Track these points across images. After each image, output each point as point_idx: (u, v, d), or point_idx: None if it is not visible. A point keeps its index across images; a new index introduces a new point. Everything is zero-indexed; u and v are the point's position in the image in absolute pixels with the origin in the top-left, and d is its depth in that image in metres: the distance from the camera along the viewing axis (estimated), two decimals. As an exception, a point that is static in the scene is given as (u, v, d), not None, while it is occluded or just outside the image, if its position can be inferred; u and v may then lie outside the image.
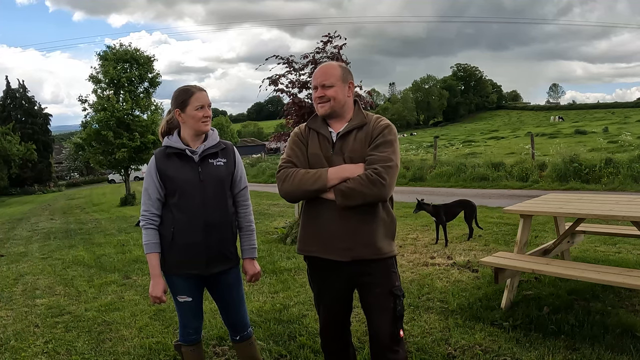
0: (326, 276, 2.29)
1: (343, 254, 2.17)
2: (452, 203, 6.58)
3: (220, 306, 2.65)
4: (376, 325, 2.24)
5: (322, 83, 2.23)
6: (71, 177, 55.05)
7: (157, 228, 2.45)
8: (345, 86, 2.25)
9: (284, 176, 2.22)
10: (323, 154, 2.24)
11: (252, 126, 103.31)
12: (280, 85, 7.07)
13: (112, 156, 18.03)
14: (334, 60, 6.80)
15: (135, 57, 18.65)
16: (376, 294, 2.22)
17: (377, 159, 2.11)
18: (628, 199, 3.88)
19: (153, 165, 2.44)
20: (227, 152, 2.52)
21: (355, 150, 2.18)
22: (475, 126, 79.17)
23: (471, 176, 13.58)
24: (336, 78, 2.23)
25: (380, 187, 2.06)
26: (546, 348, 3.01)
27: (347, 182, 2.10)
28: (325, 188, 2.13)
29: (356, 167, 2.13)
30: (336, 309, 2.36)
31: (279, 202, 12.94)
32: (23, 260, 7.49)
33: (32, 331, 4.02)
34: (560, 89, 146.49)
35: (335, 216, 2.15)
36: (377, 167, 2.08)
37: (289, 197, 2.25)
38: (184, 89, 2.45)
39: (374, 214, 2.17)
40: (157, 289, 2.43)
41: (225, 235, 2.47)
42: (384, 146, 2.14)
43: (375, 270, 2.20)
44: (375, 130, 2.19)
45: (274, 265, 5.63)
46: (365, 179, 2.07)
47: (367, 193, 2.07)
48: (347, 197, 2.09)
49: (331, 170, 2.15)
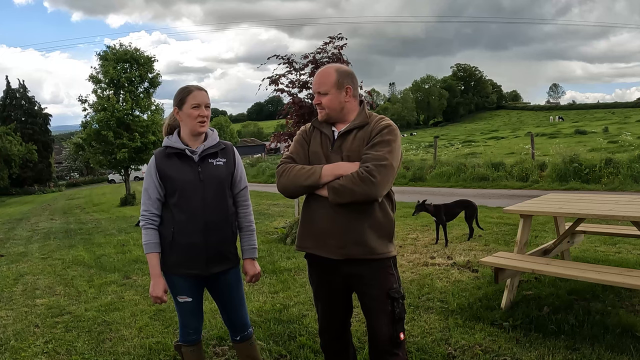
0: (323, 274, 2.30)
1: (336, 251, 2.17)
2: (452, 203, 6.57)
3: (221, 306, 2.65)
4: (373, 328, 2.23)
5: (316, 90, 2.27)
6: (71, 177, 55.09)
7: (157, 228, 2.45)
8: (342, 91, 2.23)
9: (282, 171, 2.27)
10: (323, 152, 2.25)
11: (252, 126, 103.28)
12: (280, 85, 7.08)
13: (112, 156, 18.03)
14: (334, 62, 6.82)
15: (135, 57, 18.65)
16: (372, 296, 2.21)
17: (371, 157, 2.10)
18: (628, 199, 3.88)
19: (153, 165, 2.44)
20: (227, 152, 2.52)
21: (353, 149, 2.19)
22: (475, 126, 79.16)
23: (471, 176, 13.58)
24: (330, 85, 2.22)
25: (370, 185, 2.04)
26: (546, 348, 3.01)
27: (340, 179, 2.11)
28: (318, 184, 2.15)
29: (351, 165, 2.13)
30: (334, 309, 2.37)
31: (279, 202, 12.94)
32: (23, 260, 7.48)
33: (32, 331, 4.01)
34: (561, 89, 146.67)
35: (329, 213, 2.16)
36: (370, 165, 2.07)
37: (285, 191, 2.28)
38: (184, 87, 2.45)
39: (367, 213, 2.16)
40: (157, 289, 2.43)
41: (225, 235, 2.47)
42: (381, 145, 2.13)
43: (369, 271, 2.19)
44: (374, 129, 2.19)
45: (274, 265, 5.63)
46: (356, 177, 2.07)
47: (357, 191, 2.06)
48: (338, 194, 2.10)
49: (326, 167, 2.16)
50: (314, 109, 6.75)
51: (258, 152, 52.36)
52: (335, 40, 6.89)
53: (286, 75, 7.04)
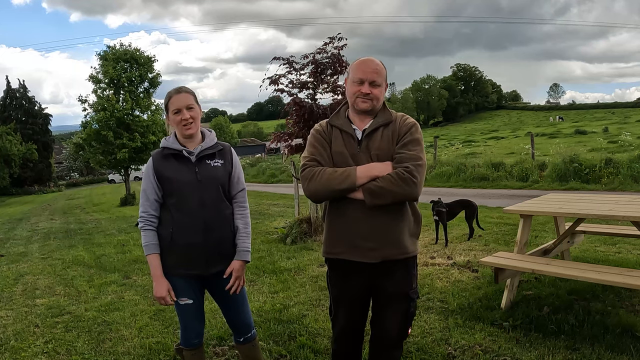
0: (348, 278, 2.23)
1: (369, 254, 2.12)
2: (452, 203, 6.57)
3: (222, 307, 2.63)
4: (384, 324, 2.23)
5: (372, 79, 2.14)
6: (71, 177, 55.02)
7: (155, 229, 2.44)
8: (385, 86, 2.23)
9: (310, 175, 2.14)
10: (349, 152, 2.17)
11: (252, 126, 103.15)
12: (280, 85, 7.09)
13: (112, 156, 18.04)
14: (334, 62, 6.83)
15: (135, 57, 18.66)
16: (390, 295, 2.20)
17: (407, 157, 2.07)
18: (628, 199, 3.88)
19: (150, 166, 2.44)
20: (224, 154, 2.51)
21: (382, 148, 2.14)
22: (475, 126, 79.10)
23: (471, 176, 13.58)
24: (384, 77, 2.20)
25: (412, 186, 2.03)
26: (546, 348, 3.01)
27: (376, 180, 2.05)
28: (354, 187, 2.07)
29: (384, 166, 2.09)
30: (355, 313, 2.29)
31: (278, 202, 12.94)
32: (23, 260, 7.48)
33: (32, 331, 4.01)
34: (560, 89, 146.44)
35: (363, 216, 2.10)
36: (409, 165, 2.04)
37: (315, 196, 2.18)
38: (167, 93, 2.46)
39: (402, 213, 2.15)
40: (161, 290, 2.41)
41: (224, 235, 2.46)
42: (413, 144, 2.11)
43: (396, 271, 2.17)
44: (402, 128, 2.16)
45: (274, 265, 5.63)
46: (397, 178, 2.03)
47: (398, 192, 2.03)
48: (377, 195, 2.05)
49: (360, 169, 2.09)
50: (313, 109, 6.76)
51: (258, 152, 52.34)
52: (335, 40, 6.90)
53: (286, 75, 7.05)
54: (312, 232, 6.92)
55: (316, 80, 6.98)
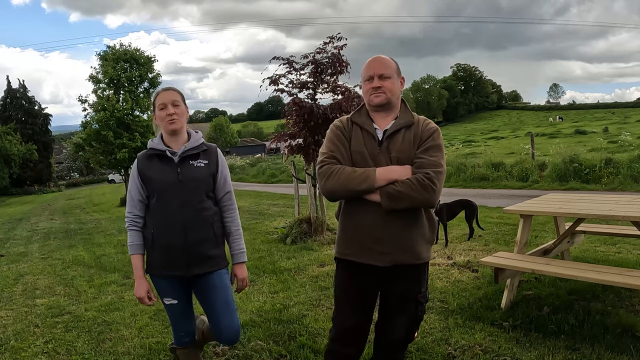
0: (356, 280, 2.20)
1: (380, 258, 2.10)
2: (452, 202, 6.57)
3: (206, 310, 2.57)
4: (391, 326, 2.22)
5: (380, 73, 2.13)
6: (71, 177, 55.04)
7: (140, 229, 2.45)
8: (399, 80, 2.19)
9: (328, 172, 2.09)
10: (368, 152, 2.13)
11: (252, 126, 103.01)
12: (280, 85, 7.08)
13: (112, 156, 18.04)
14: (334, 62, 6.82)
15: (135, 57, 18.67)
16: (399, 298, 2.19)
17: (427, 163, 2.05)
18: (628, 199, 3.88)
19: (135, 167, 2.45)
20: (210, 154, 2.49)
21: (403, 150, 2.11)
22: (475, 126, 79.13)
23: (471, 176, 13.58)
24: (393, 70, 2.17)
25: (431, 193, 2.01)
26: (546, 348, 3.01)
27: (395, 184, 2.02)
28: (372, 189, 2.04)
29: (404, 170, 2.06)
30: (357, 314, 2.25)
31: (278, 202, 12.93)
32: (23, 260, 7.48)
33: (32, 331, 4.01)
34: (560, 89, 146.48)
35: (378, 219, 2.07)
36: (430, 172, 2.02)
37: (332, 195, 2.14)
38: (155, 91, 2.50)
39: (418, 219, 2.12)
40: (140, 290, 2.44)
41: (205, 236, 2.43)
42: (434, 150, 2.09)
43: (407, 276, 2.16)
44: (424, 132, 2.14)
45: (274, 265, 5.63)
46: (416, 183, 2.00)
47: (417, 197, 2.00)
48: (395, 200, 2.01)
49: (379, 171, 2.05)
50: (313, 109, 6.75)
51: (258, 152, 52.33)
52: (335, 40, 6.89)
53: (286, 75, 7.04)
54: (312, 232, 6.92)
55: (316, 80, 6.97)
